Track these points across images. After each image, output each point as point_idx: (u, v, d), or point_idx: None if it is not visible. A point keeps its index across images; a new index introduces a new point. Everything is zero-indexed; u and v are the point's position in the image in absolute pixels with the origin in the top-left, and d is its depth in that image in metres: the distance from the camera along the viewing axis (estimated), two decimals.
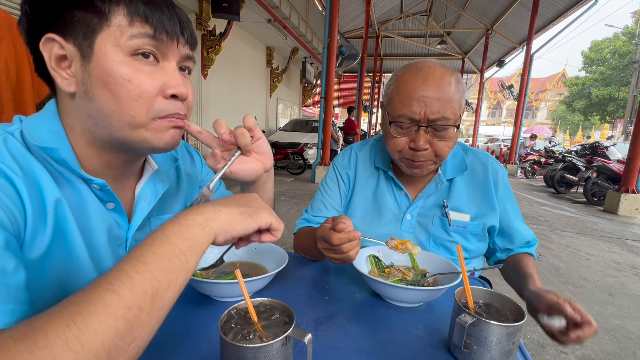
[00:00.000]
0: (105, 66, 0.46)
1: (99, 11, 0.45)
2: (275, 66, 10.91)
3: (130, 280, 0.33)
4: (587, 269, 2.98)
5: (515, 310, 0.50)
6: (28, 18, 0.47)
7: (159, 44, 0.48)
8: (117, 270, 0.34)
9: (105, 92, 0.46)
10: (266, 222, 0.47)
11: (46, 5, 0.46)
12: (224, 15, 5.68)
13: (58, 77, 0.47)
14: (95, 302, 0.30)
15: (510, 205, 0.91)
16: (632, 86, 20.81)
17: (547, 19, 9.80)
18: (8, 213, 0.40)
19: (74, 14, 0.45)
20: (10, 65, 1.62)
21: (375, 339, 0.54)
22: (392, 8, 12.75)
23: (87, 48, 0.46)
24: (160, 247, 0.36)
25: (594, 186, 6.11)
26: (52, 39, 0.46)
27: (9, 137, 0.46)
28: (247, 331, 0.42)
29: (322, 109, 6.31)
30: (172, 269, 0.36)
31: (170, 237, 0.37)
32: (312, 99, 16.98)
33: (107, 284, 0.32)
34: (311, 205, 1.00)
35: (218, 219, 0.42)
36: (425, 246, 0.89)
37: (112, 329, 0.30)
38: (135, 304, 0.32)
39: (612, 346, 1.85)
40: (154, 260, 0.35)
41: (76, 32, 0.46)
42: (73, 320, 0.29)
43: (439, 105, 0.74)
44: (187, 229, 0.39)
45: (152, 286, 0.34)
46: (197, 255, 0.39)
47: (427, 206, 0.90)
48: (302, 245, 0.91)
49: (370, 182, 0.96)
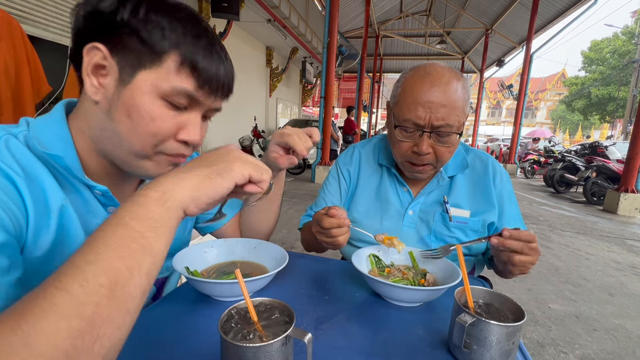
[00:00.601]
0: (136, 100, 0.46)
1: (155, 51, 0.45)
2: (275, 66, 10.91)
3: (81, 273, 0.30)
4: (587, 268, 2.98)
5: (515, 310, 0.50)
6: (84, 21, 0.47)
7: (195, 98, 0.49)
8: (67, 264, 0.31)
9: (126, 120, 0.47)
10: (242, 175, 0.42)
11: (107, 21, 0.45)
12: (223, 15, 5.68)
13: (88, 83, 0.47)
14: (42, 302, 0.28)
15: (509, 207, 0.91)
16: (631, 86, 20.81)
17: (546, 19, 9.80)
18: (9, 213, 0.40)
19: (131, 39, 0.45)
20: (10, 65, 1.62)
21: (375, 339, 0.54)
22: (392, 8, 12.74)
23: (128, 76, 0.46)
24: (114, 233, 0.33)
25: (594, 186, 6.11)
26: (99, 49, 0.45)
27: (11, 138, 0.46)
28: (247, 331, 0.42)
29: (321, 108, 6.31)
30: (129, 254, 0.32)
31: (125, 219, 0.34)
32: (311, 99, 16.99)
33: (55, 281, 0.29)
34: (315, 202, 1.05)
35: (180, 189, 0.37)
36: (426, 241, 0.90)
37: (63, 330, 0.27)
38: (90, 299, 0.29)
39: (612, 345, 1.85)
40: (108, 247, 0.31)
41: (125, 56, 0.46)
42: (18, 323, 0.27)
43: (444, 112, 0.75)
44: (143, 208, 0.35)
45: (107, 277, 0.30)
46: (162, 235, 0.35)
47: (428, 202, 0.92)
48: (306, 237, 0.97)
49: (374, 178, 0.99)
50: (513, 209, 0.92)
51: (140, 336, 0.51)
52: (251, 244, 0.76)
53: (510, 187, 0.93)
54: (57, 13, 3.84)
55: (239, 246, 0.76)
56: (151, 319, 0.56)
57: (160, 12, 0.46)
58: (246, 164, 0.43)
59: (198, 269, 0.69)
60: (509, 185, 0.93)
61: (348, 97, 18.18)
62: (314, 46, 10.32)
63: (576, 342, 1.87)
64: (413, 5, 13.05)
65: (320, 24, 9.18)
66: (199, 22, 0.49)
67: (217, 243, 0.75)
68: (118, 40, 0.45)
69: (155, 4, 0.46)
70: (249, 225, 0.82)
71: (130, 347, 0.49)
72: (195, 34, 0.48)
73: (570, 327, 2.01)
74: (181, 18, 0.47)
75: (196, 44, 0.47)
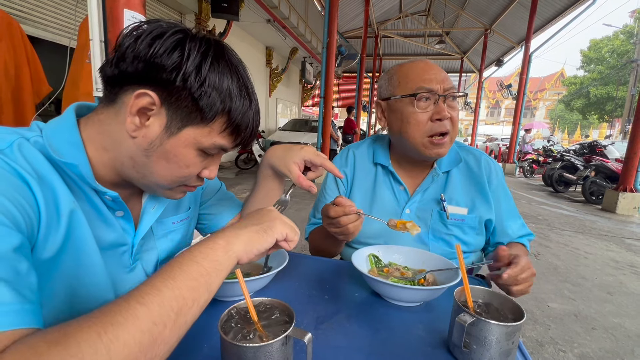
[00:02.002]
0: (179, 151, 0.50)
1: (206, 116, 0.48)
2: (274, 66, 10.90)
3: (159, 294, 0.34)
4: (586, 267, 2.99)
5: (514, 309, 0.51)
6: (138, 63, 0.46)
7: (226, 149, 0.54)
8: (147, 284, 0.35)
9: (163, 163, 0.50)
10: (281, 234, 0.50)
11: (166, 76, 0.45)
12: (223, 15, 5.67)
13: (129, 120, 0.47)
14: (126, 313, 0.31)
15: (505, 202, 0.93)
16: (630, 85, 20.86)
17: (545, 19, 9.81)
18: (23, 214, 0.40)
19: (186, 98, 0.47)
20: (10, 65, 1.62)
21: (375, 338, 0.54)
22: (391, 8, 12.75)
23: (176, 128, 0.49)
24: (188, 266, 0.38)
25: (593, 185, 6.12)
26: (149, 96, 0.46)
27: (24, 142, 0.46)
28: (247, 330, 0.42)
29: (321, 108, 6.30)
30: (197, 287, 0.37)
31: (197, 258, 0.40)
32: (311, 99, 16.98)
33: (138, 297, 0.33)
34: (316, 209, 1.03)
35: (238, 242, 0.44)
36: (424, 240, 0.90)
37: (137, 343, 0.31)
38: (161, 319, 0.33)
39: (611, 344, 1.85)
40: (182, 277, 0.37)
41: (177, 110, 0.47)
42: (105, 330, 0.29)
43: (447, 79, 0.83)
44: (212, 252, 0.41)
45: (177, 303, 0.35)
46: (220, 277, 0.41)
47: (425, 200, 0.92)
48: (316, 240, 0.96)
49: (369, 178, 0.99)
50: (509, 204, 0.93)
51: None
52: None
53: (503, 181, 0.95)
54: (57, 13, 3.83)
55: None
56: None
57: (221, 71, 0.48)
58: (285, 224, 0.51)
59: None
60: (502, 180, 0.95)
61: (347, 97, 18.18)
62: (314, 46, 10.32)
63: (575, 340, 1.87)
64: (412, 5, 13.06)
65: (320, 24, 9.17)
66: (246, 79, 0.52)
67: None
68: (173, 94, 0.46)
69: (217, 62, 0.48)
70: None
71: None
72: (242, 95, 0.51)
73: (569, 326, 2.01)
74: (236, 78, 0.50)
75: (242, 107, 0.51)
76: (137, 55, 0.46)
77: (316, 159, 0.67)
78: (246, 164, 7.80)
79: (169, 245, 0.69)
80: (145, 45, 0.45)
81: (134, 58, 0.46)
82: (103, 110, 0.51)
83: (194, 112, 0.48)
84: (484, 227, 0.92)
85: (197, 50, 0.46)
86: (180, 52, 0.46)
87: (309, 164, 0.68)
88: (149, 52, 0.45)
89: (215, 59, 0.48)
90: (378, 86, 0.95)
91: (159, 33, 0.46)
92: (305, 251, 1.15)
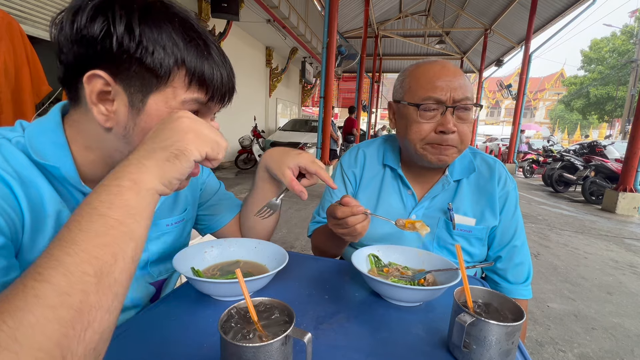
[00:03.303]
0: (153, 124, 0.45)
1: (160, 74, 0.44)
2: (274, 66, 10.90)
3: (60, 264, 0.30)
4: (585, 267, 2.99)
5: (514, 309, 0.51)
6: (73, 46, 0.43)
7: (205, 106, 0.50)
8: (45, 256, 0.31)
9: None
10: (199, 153, 0.42)
11: (100, 46, 0.42)
12: (223, 15, 5.68)
13: (95, 111, 0.45)
14: (23, 295, 0.28)
15: (506, 216, 0.88)
16: (630, 85, 20.86)
17: (545, 19, 9.81)
18: (5, 216, 0.40)
19: (132, 63, 0.43)
20: (9, 65, 1.62)
21: (374, 338, 0.54)
22: (391, 8, 12.75)
23: (139, 102, 0.45)
24: (90, 223, 0.33)
25: (592, 185, 6.13)
26: (100, 76, 0.43)
27: (5, 143, 0.45)
28: (247, 330, 0.42)
29: (321, 108, 6.30)
30: (111, 242, 0.33)
31: (100, 209, 0.34)
32: (311, 99, 16.98)
33: (34, 274, 0.29)
34: (321, 207, 1.01)
35: (148, 178, 0.38)
36: (428, 248, 0.88)
37: (52, 320, 0.27)
38: (76, 287, 0.29)
39: (610, 344, 1.85)
40: (86, 237, 0.32)
41: (130, 80, 0.44)
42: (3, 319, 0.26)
43: (460, 87, 0.77)
44: (118, 197, 0.35)
45: (92, 265, 0.31)
46: (141, 220, 0.36)
47: (433, 207, 0.90)
48: (319, 240, 0.94)
49: (376, 180, 0.96)
50: (511, 223, 0.88)
51: (140, 336, 0.51)
52: (251, 244, 0.76)
53: (514, 198, 0.89)
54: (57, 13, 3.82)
55: (239, 246, 0.76)
56: (151, 319, 0.56)
57: (155, 24, 0.44)
58: (200, 139, 0.42)
59: (199, 268, 0.69)
60: (513, 194, 0.89)
61: (347, 97, 18.19)
62: (314, 46, 10.31)
63: (575, 340, 1.87)
64: (412, 5, 13.06)
65: (320, 24, 9.18)
66: (195, 27, 0.48)
67: (217, 243, 0.76)
68: (118, 64, 0.43)
69: (146, 14, 0.44)
70: (249, 226, 0.82)
71: (130, 347, 0.49)
72: (195, 43, 0.46)
73: (569, 326, 2.02)
74: (178, 27, 0.45)
75: (199, 55, 0.46)
76: (67, 39, 0.43)
77: (311, 167, 0.65)
78: (246, 164, 7.79)
79: (160, 247, 0.68)
80: (69, 24, 0.43)
81: (67, 43, 0.43)
82: (74, 112, 0.49)
83: (147, 77, 0.44)
84: (488, 236, 0.89)
85: (120, 10, 0.42)
86: (104, 16, 0.42)
87: (304, 170, 0.66)
88: (74, 29, 0.42)
89: (144, 12, 0.43)
90: (393, 85, 0.91)
91: (76, 7, 0.43)
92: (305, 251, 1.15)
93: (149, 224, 0.37)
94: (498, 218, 0.87)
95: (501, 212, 0.88)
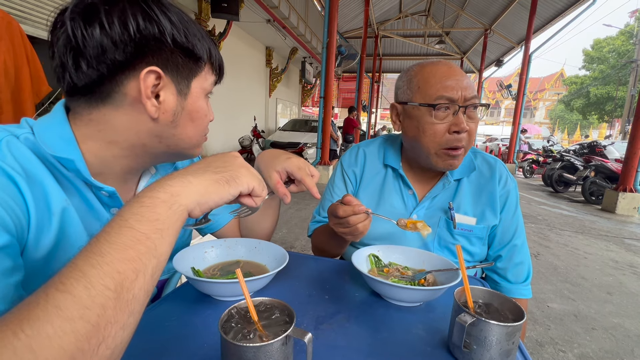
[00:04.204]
0: (197, 104, 0.54)
1: (197, 60, 0.52)
2: (274, 66, 10.90)
3: (84, 276, 0.29)
4: (585, 267, 2.99)
5: (514, 309, 0.51)
6: (117, 48, 0.45)
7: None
8: (69, 267, 0.30)
9: (190, 123, 0.54)
10: (248, 186, 0.43)
11: (159, 43, 0.48)
12: (223, 15, 5.68)
13: (149, 105, 0.49)
14: (44, 305, 0.27)
15: (506, 216, 0.88)
16: (630, 85, 20.87)
17: (545, 19, 9.82)
18: (11, 213, 0.40)
19: (175, 54, 0.50)
20: (9, 65, 1.62)
21: (375, 338, 0.54)
22: (391, 8, 12.76)
23: (185, 87, 0.52)
24: (118, 235, 0.32)
25: (592, 185, 6.13)
26: (153, 71, 0.47)
27: (13, 140, 0.45)
28: (247, 330, 0.42)
29: (321, 108, 6.31)
30: (136, 257, 0.32)
31: (130, 222, 0.33)
32: (311, 99, 16.98)
33: (58, 284, 0.29)
34: (322, 207, 1.01)
35: (188, 193, 0.37)
36: (429, 247, 0.88)
37: (69, 333, 0.27)
38: (96, 301, 0.29)
39: (610, 344, 1.85)
40: (112, 250, 0.31)
41: (177, 71, 0.50)
42: (21, 327, 0.26)
43: (469, 86, 0.78)
44: (150, 210, 0.34)
45: (113, 279, 0.30)
46: (167, 236, 0.35)
47: (433, 207, 0.90)
48: (320, 240, 0.93)
49: (377, 179, 0.96)
50: (512, 222, 0.88)
51: (140, 336, 0.51)
52: (251, 244, 0.76)
53: (515, 197, 0.89)
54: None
55: (240, 246, 0.76)
56: (151, 319, 0.56)
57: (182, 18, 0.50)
58: (253, 176, 0.45)
59: (199, 268, 0.69)
60: (514, 193, 0.89)
61: (347, 97, 18.20)
62: (314, 46, 10.32)
63: (575, 341, 1.88)
64: (412, 5, 13.07)
65: (320, 24, 9.18)
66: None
67: (217, 243, 0.76)
68: (167, 58, 0.49)
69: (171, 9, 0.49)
70: (248, 226, 0.82)
71: (130, 347, 0.49)
72: (203, 31, 0.54)
73: (569, 326, 2.02)
74: (189, 19, 0.52)
75: (212, 43, 0.55)
76: (117, 41, 0.45)
77: (297, 173, 0.64)
78: None
79: None
80: (119, 25, 0.45)
81: (116, 45, 0.45)
82: (92, 111, 0.49)
83: (190, 65, 0.51)
84: (488, 235, 0.89)
85: (157, 6, 0.48)
86: (151, 14, 0.47)
87: (292, 176, 0.65)
88: (131, 30, 0.45)
89: (169, 8, 0.50)
90: (395, 87, 0.89)
91: (120, 10, 0.45)
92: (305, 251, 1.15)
93: (173, 241, 0.36)
94: (498, 217, 0.88)
95: (502, 211, 0.88)
